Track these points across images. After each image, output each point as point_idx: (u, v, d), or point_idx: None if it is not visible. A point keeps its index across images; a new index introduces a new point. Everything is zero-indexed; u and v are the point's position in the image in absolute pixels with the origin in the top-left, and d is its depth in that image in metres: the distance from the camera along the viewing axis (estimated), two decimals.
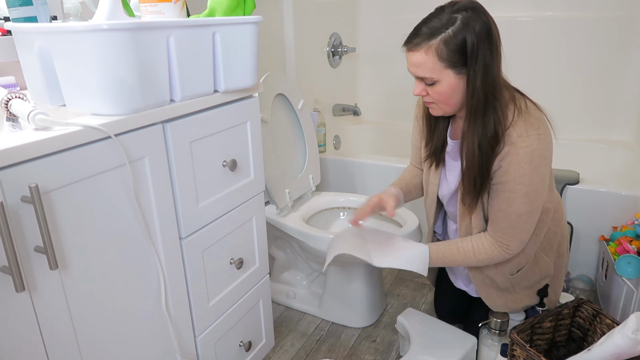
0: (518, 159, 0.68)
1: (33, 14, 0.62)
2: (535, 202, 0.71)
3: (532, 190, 0.70)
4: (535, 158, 0.68)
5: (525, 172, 0.68)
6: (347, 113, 1.61)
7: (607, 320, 0.81)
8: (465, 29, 0.64)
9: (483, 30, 0.64)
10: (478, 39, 0.64)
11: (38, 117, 0.47)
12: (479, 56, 0.65)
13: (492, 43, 0.65)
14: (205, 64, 0.63)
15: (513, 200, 0.70)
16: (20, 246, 0.46)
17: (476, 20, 0.64)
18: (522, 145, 0.67)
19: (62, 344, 0.51)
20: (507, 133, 0.68)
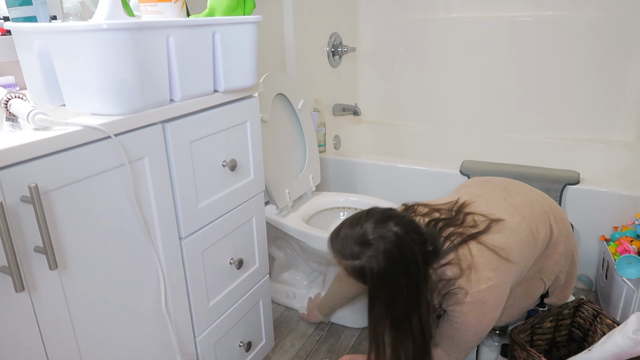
0: (468, 311, 0.68)
1: (32, 14, 0.62)
2: (483, 333, 0.71)
3: (482, 329, 0.70)
4: (486, 310, 0.68)
5: (475, 321, 0.68)
6: (347, 113, 1.61)
7: (607, 321, 0.81)
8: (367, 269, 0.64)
9: (383, 275, 0.63)
10: (374, 282, 0.64)
11: (37, 117, 0.47)
12: (377, 296, 0.65)
13: (395, 286, 0.64)
14: (205, 64, 0.63)
15: (461, 334, 0.71)
16: (20, 246, 0.46)
17: (381, 265, 0.63)
18: (472, 299, 0.67)
19: (61, 344, 0.51)
20: (455, 290, 0.68)
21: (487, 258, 0.69)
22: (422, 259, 0.65)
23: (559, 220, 0.83)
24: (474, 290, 0.67)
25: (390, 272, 0.63)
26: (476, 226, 0.72)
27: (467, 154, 1.61)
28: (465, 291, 0.67)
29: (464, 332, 0.70)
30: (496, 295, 0.68)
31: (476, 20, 1.50)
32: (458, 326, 0.70)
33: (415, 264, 0.64)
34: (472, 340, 0.71)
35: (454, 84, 1.60)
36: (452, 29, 1.54)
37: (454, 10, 1.53)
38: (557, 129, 1.52)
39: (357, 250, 0.64)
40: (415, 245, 0.64)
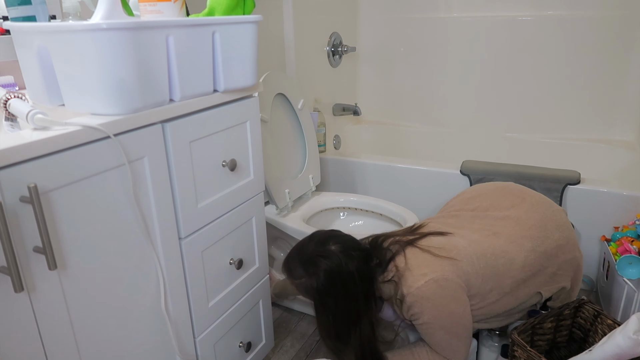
0: (420, 311, 0.70)
1: (32, 13, 0.62)
2: (457, 329, 0.72)
3: (448, 323, 0.71)
4: (437, 302, 0.70)
5: (433, 316, 0.70)
6: (347, 113, 1.61)
7: (608, 321, 0.81)
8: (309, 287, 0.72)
9: (323, 291, 0.70)
10: (316, 298, 0.72)
11: (37, 117, 0.47)
12: (320, 311, 0.73)
13: (331, 300, 0.70)
14: (204, 64, 0.63)
15: (433, 335, 0.72)
16: (19, 246, 0.45)
17: (317, 278, 0.70)
18: (414, 299, 0.69)
19: (61, 344, 0.51)
20: (400, 294, 0.71)
21: (420, 258, 0.72)
22: (363, 275, 0.71)
23: (557, 228, 0.81)
24: (412, 289, 0.69)
25: (330, 289, 0.70)
26: (415, 230, 0.77)
27: (468, 154, 1.61)
28: (407, 292, 0.70)
29: (432, 333, 0.71)
30: (438, 288, 0.69)
31: (476, 20, 1.50)
32: (423, 329, 0.72)
33: (353, 281, 0.70)
34: (449, 339, 0.71)
35: (455, 84, 1.59)
36: (452, 29, 1.54)
37: (454, 10, 1.53)
38: (558, 128, 1.52)
39: (301, 271, 0.72)
40: (355, 262, 0.71)
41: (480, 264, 0.73)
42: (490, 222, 0.80)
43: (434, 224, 0.81)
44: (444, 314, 0.70)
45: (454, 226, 0.80)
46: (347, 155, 1.41)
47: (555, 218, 0.82)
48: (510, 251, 0.76)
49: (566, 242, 0.81)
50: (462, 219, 0.82)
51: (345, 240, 0.73)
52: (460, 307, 0.71)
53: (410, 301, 0.70)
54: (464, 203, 0.87)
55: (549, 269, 0.80)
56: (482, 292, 0.74)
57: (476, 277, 0.73)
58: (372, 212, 1.17)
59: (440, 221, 0.83)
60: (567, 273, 0.83)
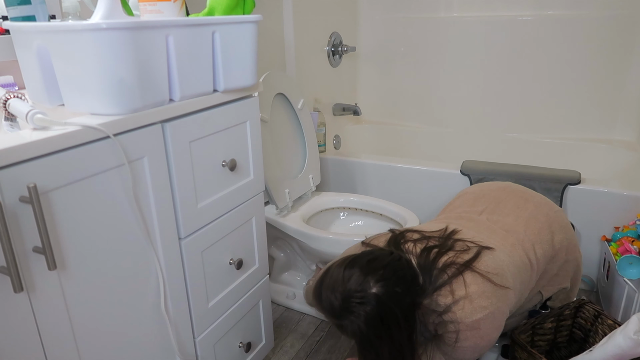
0: (465, 337, 0.67)
1: (31, 13, 0.62)
2: (484, 350, 0.69)
3: (482, 347, 0.68)
4: (486, 334, 0.67)
5: (474, 344, 0.67)
6: (347, 113, 1.61)
7: (608, 321, 0.80)
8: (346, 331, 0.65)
9: (362, 337, 0.64)
10: (358, 342, 0.65)
11: (36, 117, 0.47)
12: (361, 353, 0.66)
13: (374, 346, 0.64)
14: (204, 64, 0.63)
15: (461, 354, 0.69)
16: (19, 246, 0.45)
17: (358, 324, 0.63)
18: (466, 328, 0.66)
19: (60, 344, 0.51)
20: (448, 319, 0.67)
21: (482, 286, 0.67)
22: (407, 309, 0.64)
23: (561, 229, 0.81)
24: (469, 320, 0.66)
25: (372, 335, 0.63)
26: (468, 251, 0.70)
27: (468, 154, 1.61)
28: (460, 321, 0.66)
29: (462, 353, 0.70)
30: (492, 321, 0.67)
31: (477, 20, 1.50)
32: (455, 349, 0.69)
33: (397, 326, 0.63)
34: (471, 356, 0.71)
35: (455, 84, 1.59)
36: (452, 29, 1.53)
37: (454, 10, 1.53)
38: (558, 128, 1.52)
39: (339, 313, 0.64)
40: (399, 301, 0.63)
41: (517, 283, 0.72)
42: (505, 227, 0.78)
43: (467, 230, 0.76)
44: (485, 341, 0.67)
45: (482, 233, 0.76)
46: (347, 155, 1.41)
47: (559, 219, 0.82)
48: (529, 261, 0.75)
49: (568, 243, 0.82)
50: (481, 225, 0.79)
51: (387, 275, 0.63)
52: (499, 333, 0.69)
53: (459, 328, 0.66)
54: (470, 204, 0.85)
55: (552, 271, 0.80)
56: (512, 309, 0.73)
57: (516, 300, 0.72)
58: (372, 212, 1.17)
59: (466, 225, 0.77)
60: (568, 274, 0.83)
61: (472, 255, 0.69)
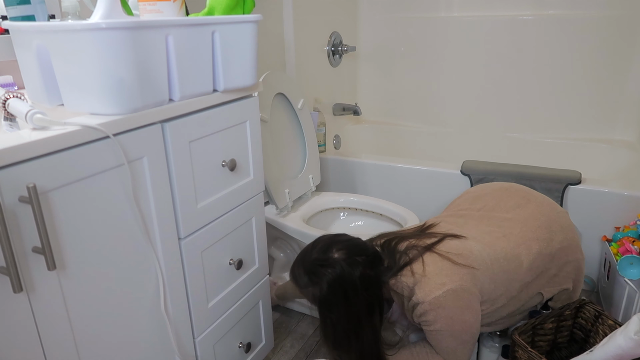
0: (433, 319, 0.69)
1: (31, 13, 0.62)
2: (466, 337, 0.71)
3: (458, 332, 0.69)
4: (452, 312, 0.68)
5: (445, 325, 0.68)
6: (348, 112, 1.61)
7: (609, 322, 0.80)
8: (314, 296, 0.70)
9: (323, 300, 0.69)
10: (320, 306, 0.71)
11: (36, 117, 0.47)
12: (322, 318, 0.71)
13: (333, 308, 0.69)
14: (204, 63, 0.63)
15: (440, 341, 0.71)
16: (18, 247, 0.45)
17: (320, 288, 0.69)
18: (429, 308, 0.68)
19: (60, 345, 0.51)
20: (413, 301, 0.70)
21: (439, 265, 0.69)
22: (368, 282, 0.69)
23: (561, 230, 0.80)
24: (429, 297, 0.67)
25: (332, 298, 0.69)
26: (431, 237, 0.74)
27: (468, 154, 1.60)
28: (422, 300, 0.68)
29: (440, 339, 0.70)
30: (455, 299, 0.67)
31: (477, 20, 1.50)
32: (432, 335, 0.71)
33: (355, 290, 0.68)
34: (456, 346, 0.71)
35: (455, 84, 1.59)
36: (452, 28, 1.53)
37: (454, 9, 1.53)
38: (559, 128, 1.52)
39: (306, 280, 0.71)
40: (359, 269, 0.68)
41: (494, 269, 0.72)
42: (498, 223, 0.79)
43: (444, 224, 0.79)
44: (457, 323, 0.68)
45: (464, 226, 0.78)
46: (347, 155, 1.41)
47: (560, 220, 0.82)
48: (520, 254, 0.75)
49: (569, 244, 0.81)
50: (470, 219, 0.81)
51: (349, 246, 0.70)
52: (473, 316, 0.70)
53: (424, 309, 0.68)
54: (470, 202, 0.86)
55: (551, 271, 0.80)
56: (492, 297, 0.73)
57: (489, 283, 0.72)
58: (372, 212, 1.17)
59: (449, 220, 0.81)
60: (569, 275, 0.82)
61: (435, 240, 0.73)
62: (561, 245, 0.80)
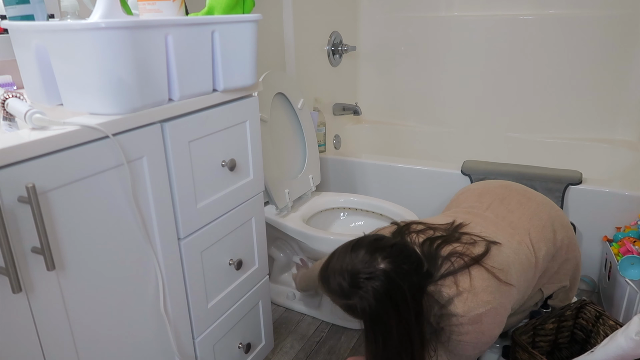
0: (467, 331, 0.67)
1: (30, 12, 0.62)
2: (484, 347, 0.70)
3: (483, 343, 0.68)
4: (487, 329, 0.67)
5: (475, 338, 0.67)
6: (348, 112, 1.60)
7: (610, 322, 0.80)
8: (358, 309, 0.64)
9: (372, 314, 0.63)
10: (366, 320, 0.65)
11: (35, 117, 0.47)
12: (370, 332, 0.65)
13: (383, 322, 0.64)
14: (204, 63, 0.63)
15: (462, 349, 0.69)
16: (17, 247, 0.45)
17: (367, 301, 0.63)
18: (468, 321, 0.66)
19: (59, 345, 0.51)
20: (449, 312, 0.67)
21: (487, 282, 0.67)
22: (414, 289, 0.65)
23: (562, 228, 0.81)
24: (472, 313, 0.66)
25: (381, 311, 0.63)
26: (475, 244, 0.70)
27: (469, 154, 1.60)
28: (462, 314, 0.66)
29: (463, 348, 0.69)
30: (494, 316, 0.67)
31: (477, 19, 1.49)
32: (456, 343, 0.69)
33: (405, 302, 0.63)
34: (472, 355, 0.71)
35: (455, 83, 1.59)
36: (453, 28, 1.53)
37: (455, 9, 1.52)
38: (559, 128, 1.52)
39: (348, 291, 0.64)
40: (407, 278, 0.63)
41: (521, 280, 0.72)
42: (511, 224, 0.78)
43: (475, 225, 0.75)
44: (486, 337, 0.67)
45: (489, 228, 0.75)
46: (347, 155, 1.40)
47: (559, 218, 0.82)
48: (536, 260, 0.75)
49: (569, 242, 0.82)
50: (487, 220, 0.78)
51: (393, 253, 0.64)
52: (499, 331, 0.69)
53: (461, 322, 0.66)
54: (475, 200, 0.85)
55: (553, 269, 0.80)
56: (515, 307, 0.73)
57: (517, 294, 0.72)
58: (373, 212, 1.17)
59: (476, 221, 0.77)
60: (568, 272, 0.83)
61: (483, 250, 0.69)
62: (562, 244, 0.80)
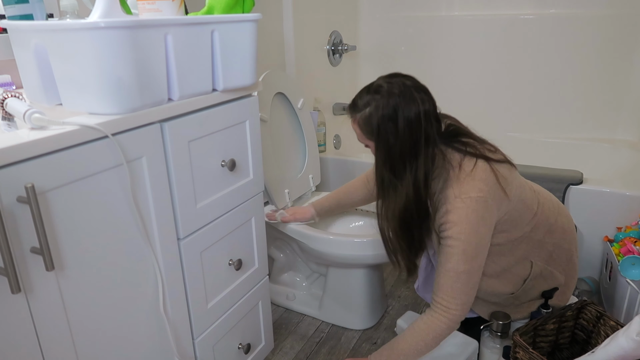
0: (456, 218, 0.71)
1: (29, 12, 0.62)
2: (473, 262, 0.72)
3: (470, 249, 0.71)
4: (473, 219, 0.70)
5: (463, 230, 0.70)
6: None
7: (611, 322, 0.80)
8: (374, 112, 0.72)
9: (387, 115, 0.71)
10: (382, 121, 0.71)
11: (34, 117, 0.47)
12: (381, 137, 0.72)
13: (396, 127, 0.70)
14: (203, 63, 0.63)
15: (451, 256, 0.72)
16: (16, 247, 0.45)
17: (386, 106, 0.71)
18: (459, 205, 0.71)
19: (58, 346, 0.51)
20: (445, 194, 0.72)
21: (487, 174, 0.73)
22: (429, 119, 0.71)
23: (565, 216, 0.85)
24: (464, 195, 0.70)
25: (394, 117, 0.70)
26: (495, 152, 0.78)
27: None
28: (456, 195, 0.71)
29: (452, 254, 0.71)
30: (482, 207, 0.71)
31: (478, 19, 1.49)
32: (446, 246, 0.71)
33: (418, 117, 0.70)
34: (461, 271, 0.71)
35: (455, 83, 1.59)
36: (453, 27, 1.53)
37: (455, 8, 1.52)
38: (560, 128, 1.51)
39: (368, 98, 0.73)
40: (425, 104, 0.71)
41: (517, 207, 0.76)
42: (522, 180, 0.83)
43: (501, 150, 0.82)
44: (473, 233, 0.70)
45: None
46: (348, 155, 1.40)
47: (567, 211, 0.87)
48: (537, 208, 0.79)
49: (570, 233, 0.85)
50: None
51: (417, 83, 0.73)
52: (486, 231, 0.72)
53: (453, 206, 0.70)
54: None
55: (547, 246, 0.82)
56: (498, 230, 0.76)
57: (506, 215, 0.75)
58: (373, 212, 1.17)
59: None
60: (560, 261, 0.84)
61: (498, 158, 0.76)
62: (562, 228, 0.83)
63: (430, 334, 0.73)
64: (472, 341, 0.88)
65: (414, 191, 0.72)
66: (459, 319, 0.73)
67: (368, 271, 1.04)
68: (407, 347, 0.74)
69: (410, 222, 0.74)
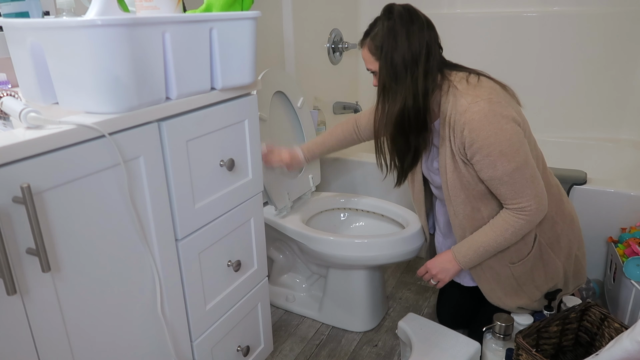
0: (475, 125, 0.73)
1: (25, 9, 0.61)
2: (517, 157, 0.74)
3: (506, 147, 0.73)
4: (492, 117, 0.73)
5: (489, 134, 0.72)
6: (348, 111, 1.59)
7: (615, 324, 0.79)
8: (380, 30, 0.77)
9: (392, 26, 0.76)
10: (387, 33, 0.76)
11: (30, 116, 0.46)
12: (385, 47, 0.77)
13: (400, 36, 0.75)
14: (202, 61, 0.62)
15: (494, 164, 0.74)
16: (12, 248, 0.44)
17: (389, 19, 0.77)
18: (474, 110, 0.73)
19: (54, 348, 0.50)
20: (457, 109, 0.75)
21: (494, 85, 0.78)
22: (431, 31, 0.78)
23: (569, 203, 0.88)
24: (475, 100, 0.74)
25: (398, 28, 0.76)
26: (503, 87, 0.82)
27: None
28: (469, 103, 0.73)
29: (493, 162, 0.72)
30: (498, 107, 0.73)
31: (480, 16, 1.48)
32: (483, 160, 0.73)
33: (421, 28, 0.76)
34: (513, 170, 0.73)
35: None
36: (455, 25, 1.52)
37: (457, 6, 1.51)
38: (564, 127, 1.50)
39: (375, 22, 0.79)
40: (423, 17, 0.77)
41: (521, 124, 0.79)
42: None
43: None
44: (498, 129, 0.72)
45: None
46: (348, 155, 1.39)
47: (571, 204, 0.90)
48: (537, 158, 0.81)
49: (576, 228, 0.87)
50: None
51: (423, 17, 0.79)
52: (511, 126, 0.73)
53: (469, 116, 0.73)
54: None
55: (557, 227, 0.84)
56: None
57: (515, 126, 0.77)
58: (374, 212, 1.16)
59: None
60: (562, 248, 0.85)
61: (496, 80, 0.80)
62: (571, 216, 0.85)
63: (509, 230, 0.77)
64: (475, 344, 0.87)
65: (413, 98, 0.75)
66: (538, 211, 0.76)
67: (369, 272, 1.03)
68: (487, 240, 0.79)
69: (408, 128, 0.77)
